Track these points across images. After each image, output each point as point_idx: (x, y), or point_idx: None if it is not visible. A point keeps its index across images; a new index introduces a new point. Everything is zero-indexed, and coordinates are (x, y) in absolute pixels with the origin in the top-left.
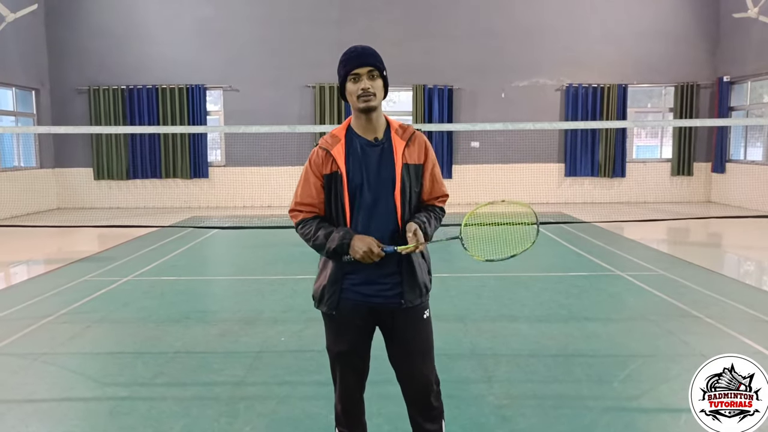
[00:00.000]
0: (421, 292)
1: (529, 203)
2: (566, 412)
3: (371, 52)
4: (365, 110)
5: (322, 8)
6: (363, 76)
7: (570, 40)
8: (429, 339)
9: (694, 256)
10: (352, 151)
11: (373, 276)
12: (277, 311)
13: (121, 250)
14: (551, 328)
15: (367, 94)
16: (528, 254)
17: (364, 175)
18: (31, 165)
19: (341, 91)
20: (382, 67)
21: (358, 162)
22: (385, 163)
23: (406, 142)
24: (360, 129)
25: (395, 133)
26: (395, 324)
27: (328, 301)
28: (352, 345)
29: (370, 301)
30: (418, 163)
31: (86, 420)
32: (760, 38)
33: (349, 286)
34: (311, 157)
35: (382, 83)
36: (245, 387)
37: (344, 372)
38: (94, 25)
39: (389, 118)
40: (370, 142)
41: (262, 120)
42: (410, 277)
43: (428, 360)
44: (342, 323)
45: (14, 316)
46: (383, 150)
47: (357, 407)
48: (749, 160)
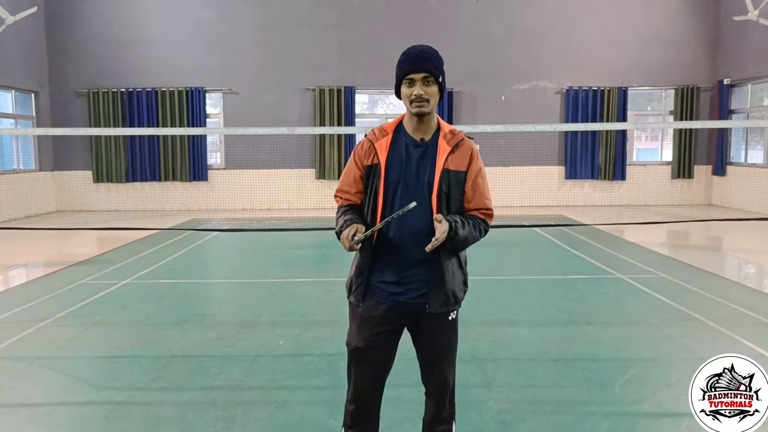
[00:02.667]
0: (448, 301)
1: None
2: (566, 417)
3: (428, 56)
4: (417, 115)
5: (322, 11)
6: (417, 81)
7: (570, 43)
8: (453, 340)
9: (695, 259)
10: (396, 147)
11: (402, 275)
12: (276, 315)
13: (119, 253)
14: (551, 332)
15: (420, 100)
16: (528, 257)
17: (402, 174)
18: (31, 168)
19: (396, 90)
20: (439, 72)
21: (399, 159)
22: (426, 165)
23: (452, 147)
24: (410, 128)
25: (443, 138)
26: (420, 325)
27: (355, 291)
28: (372, 341)
29: (395, 299)
30: (460, 170)
31: (82, 424)
32: (760, 41)
33: (377, 282)
34: (357, 148)
35: (437, 89)
36: (243, 391)
37: (360, 369)
38: (94, 28)
39: (442, 122)
40: (416, 142)
41: (262, 123)
42: (438, 283)
43: (449, 360)
44: (364, 317)
45: (11, 320)
46: (426, 152)
47: (370, 408)
48: (750, 163)
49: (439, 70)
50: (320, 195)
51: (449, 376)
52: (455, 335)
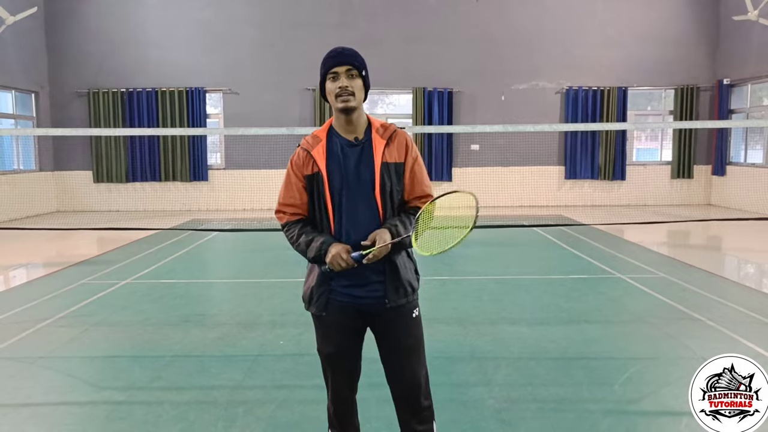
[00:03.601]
0: (405, 292)
1: (473, 200)
2: (567, 416)
3: (350, 52)
4: (344, 110)
5: (322, 12)
6: (341, 75)
7: (570, 43)
8: (418, 337)
9: (695, 258)
10: (332, 152)
11: (360, 277)
12: (276, 315)
13: (120, 253)
14: (551, 331)
15: (344, 93)
16: (528, 257)
17: (344, 176)
18: (31, 168)
19: (321, 90)
20: (362, 66)
21: (337, 163)
22: (365, 163)
23: (386, 141)
24: (341, 129)
25: (376, 133)
26: (384, 324)
27: (317, 302)
28: (342, 346)
29: (357, 302)
30: (398, 162)
31: (82, 424)
32: (760, 41)
33: (338, 288)
34: (293, 158)
35: (362, 83)
36: (243, 391)
37: (335, 373)
38: (94, 28)
39: (372, 118)
40: (350, 142)
41: (262, 123)
42: (393, 276)
43: (417, 358)
44: (331, 324)
45: (11, 320)
46: (363, 150)
47: (348, 408)
48: (749, 163)
49: (363, 65)
50: None
51: (419, 374)
52: (420, 332)
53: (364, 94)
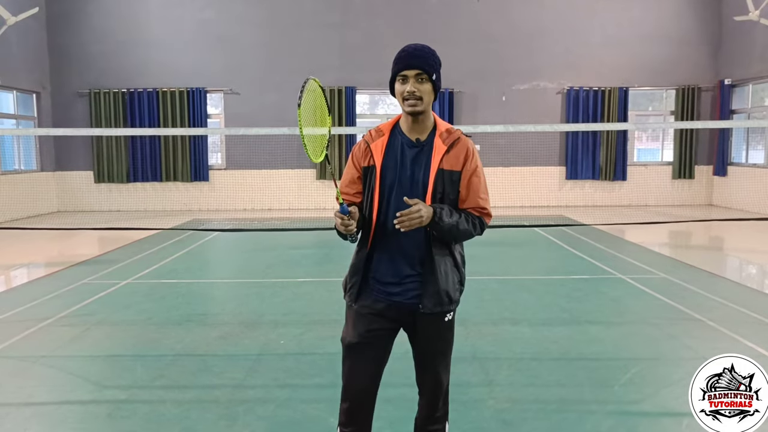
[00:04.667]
0: (441, 301)
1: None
2: (568, 416)
3: (422, 54)
4: (410, 113)
5: (324, 12)
6: (410, 78)
7: (571, 43)
8: (449, 341)
9: (696, 259)
10: (392, 148)
11: (396, 274)
12: (278, 314)
13: (121, 253)
14: (553, 331)
15: (411, 97)
16: (529, 257)
17: (397, 175)
18: (32, 168)
19: (391, 88)
20: (432, 71)
21: (394, 160)
22: (421, 166)
23: (447, 147)
24: (405, 128)
25: (439, 137)
26: (416, 325)
27: (349, 291)
28: (366, 338)
29: (391, 298)
30: (455, 170)
31: (85, 423)
32: (761, 41)
33: (373, 281)
34: (354, 148)
35: (431, 87)
36: (245, 390)
37: (353, 366)
38: (96, 29)
39: (439, 121)
40: (411, 142)
41: (263, 123)
42: (432, 283)
43: (444, 363)
44: (360, 314)
45: (14, 319)
46: (422, 152)
47: (364, 407)
48: (751, 163)
49: (433, 68)
50: (321, 195)
51: (443, 376)
52: (451, 336)
53: (434, 95)
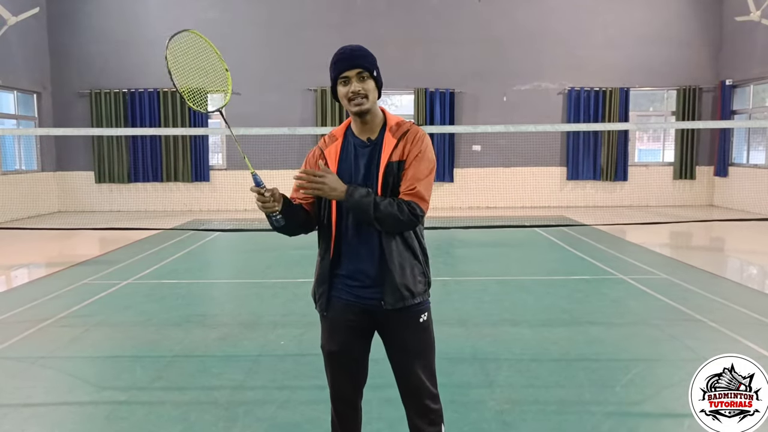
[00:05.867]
0: (402, 296)
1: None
2: (568, 418)
3: (360, 53)
4: (357, 113)
5: (325, 12)
6: (352, 78)
7: (572, 43)
8: (426, 341)
9: (697, 259)
10: (346, 152)
11: (360, 276)
12: (278, 315)
13: (121, 254)
14: (553, 332)
15: (357, 96)
16: (530, 258)
17: (353, 177)
18: (33, 168)
19: (333, 93)
20: (372, 67)
21: (349, 163)
22: (374, 164)
23: (396, 140)
24: (356, 129)
25: (389, 131)
26: (389, 326)
27: (319, 301)
28: (345, 346)
29: (359, 302)
30: (401, 160)
31: (83, 424)
32: (762, 41)
33: (341, 286)
34: (309, 155)
35: (374, 84)
36: (244, 391)
37: (335, 374)
38: (96, 29)
39: (389, 116)
40: (363, 142)
41: (264, 123)
42: (389, 278)
43: (423, 362)
44: (334, 322)
45: (13, 319)
46: (374, 150)
47: (350, 414)
48: (752, 164)
49: (373, 65)
50: None
51: (425, 378)
52: (428, 337)
53: (378, 92)
